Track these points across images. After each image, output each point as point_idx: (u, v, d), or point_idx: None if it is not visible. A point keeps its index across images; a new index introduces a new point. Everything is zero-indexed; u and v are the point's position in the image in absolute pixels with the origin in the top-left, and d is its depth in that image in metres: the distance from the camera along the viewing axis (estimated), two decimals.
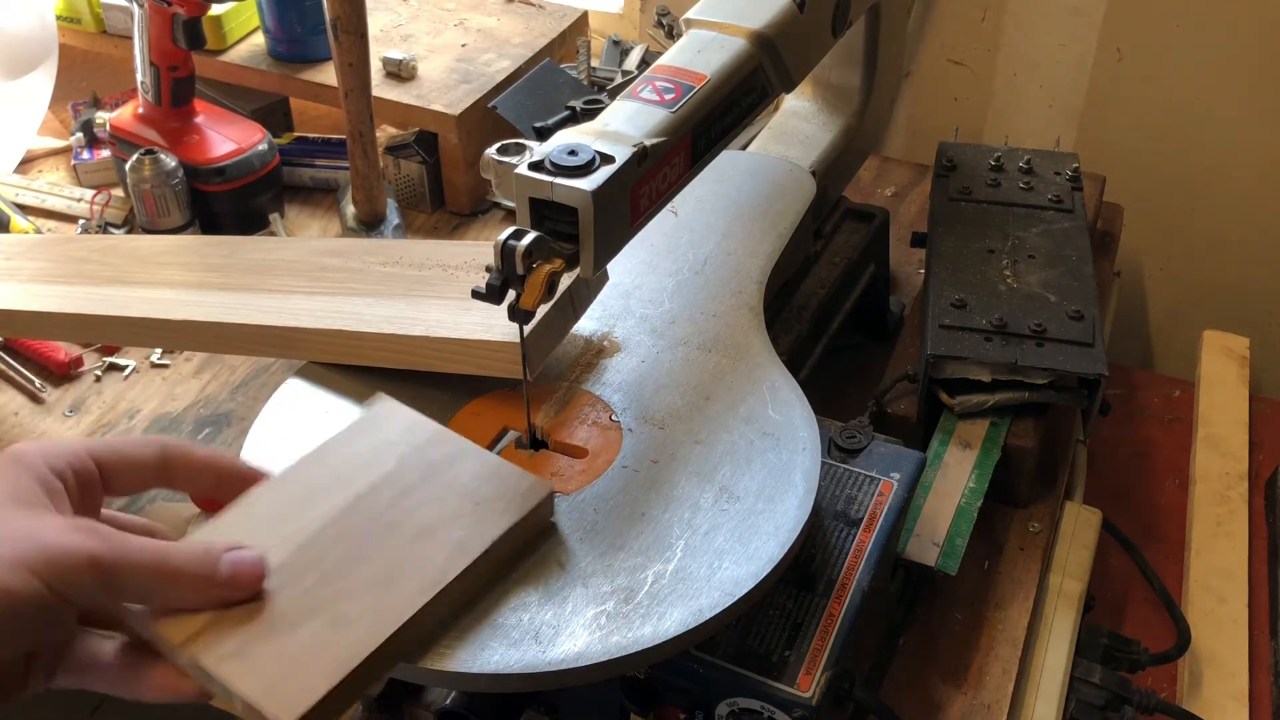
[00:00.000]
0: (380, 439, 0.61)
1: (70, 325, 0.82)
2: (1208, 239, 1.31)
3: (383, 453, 0.60)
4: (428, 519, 0.57)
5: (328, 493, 0.57)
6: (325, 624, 0.51)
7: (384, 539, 0.56)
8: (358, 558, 0.55)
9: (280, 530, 0.55)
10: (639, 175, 0.63)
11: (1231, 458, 1.07)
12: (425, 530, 0.56)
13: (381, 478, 0.59)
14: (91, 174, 1.23)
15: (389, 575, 0.54)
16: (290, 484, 0.58)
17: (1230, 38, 1.19)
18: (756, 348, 0.73)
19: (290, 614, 0.51)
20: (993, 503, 0.85)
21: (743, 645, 0.61)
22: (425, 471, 0.59)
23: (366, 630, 0.51)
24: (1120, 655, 0.84)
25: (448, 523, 0.57)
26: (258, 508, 0.56)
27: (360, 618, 0.52)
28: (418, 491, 0.58)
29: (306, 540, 0.55)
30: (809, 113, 1.00)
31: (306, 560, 0.54)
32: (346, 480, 0.58)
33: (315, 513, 0.56)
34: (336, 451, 0.60)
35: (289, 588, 0.52)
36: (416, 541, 0.56)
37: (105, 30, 1.31)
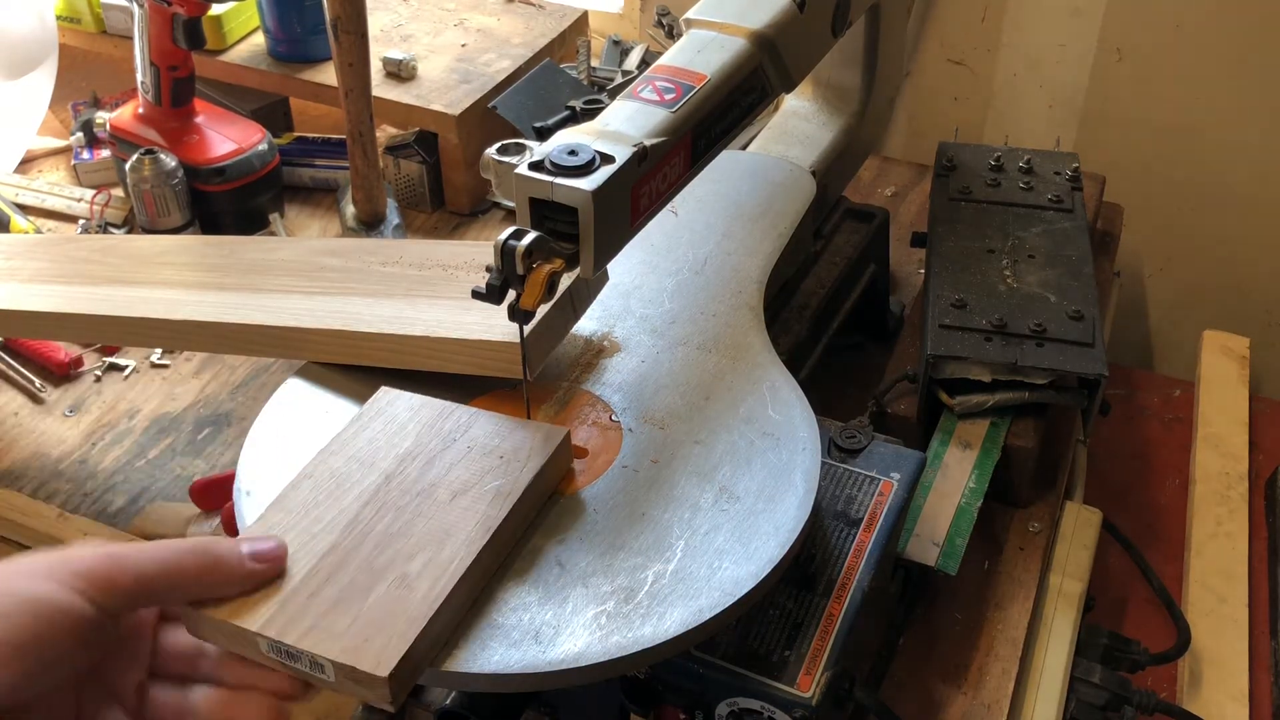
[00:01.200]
0: (391, 422, 0.64)
1: (70, 325, 0.82)
2: (1208, 239, 1.31)
3: (396, 434, 0.63)
4: (460, 479, 0.60)
5: (356, 477, 0.60)
6: (392, 586, 0.53)
7: (424, 504, 0.58)
8: (406, 525, 0.57)
9: (322, 517, 0.57)
10: (639, 175, 0.63)
11: (1231, 458, 1.07)
12: (461, 488, 0.59)
13: (404, 454, 0.62)
14: (91, 174, 1.23)
15: (441, 533, 0.56)
16: (316, 477, 0.60)
17: (1230, 38, 1.19)
18: (756, 348, 0.73)
19: (356, 583, 0.54)
20: (993, 503, 0.85)
21: (743, 645, 0.61)
22: (444, 441, 0.62)
23: (432, 583, 0.54)
24: (1120, 655, 0.84)
25: (481, 477, 0.60)
26: (291, 503, 0.58)
27: (423, 574, 0.54)
28: (442, 459, 0.61)
29: (352, 519, 0.57)
30: (809, 113, 1.00)
31: (357, 535, 0.56)
32: (369, 463, 0.61)
33: (351, 496, 0.59)
34: (351, 441, 0.63)
35: (349, 561, 0.55)
36: (456, 499, 0.59)
37: (105, 30, 1.31)
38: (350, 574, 0.54)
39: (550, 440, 0.62)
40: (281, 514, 0.57)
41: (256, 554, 0.53)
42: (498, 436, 0.62)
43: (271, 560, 0.53)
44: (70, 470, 0.92)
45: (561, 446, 0.62)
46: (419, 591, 0.53)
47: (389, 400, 0.66)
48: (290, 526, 0.56)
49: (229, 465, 0.91)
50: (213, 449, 0.94)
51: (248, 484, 0.66)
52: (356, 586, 0.54)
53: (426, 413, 0.64)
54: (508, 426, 0.63)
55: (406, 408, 0.65)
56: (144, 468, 0.92)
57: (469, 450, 0.62)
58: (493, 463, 0.61)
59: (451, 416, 0.64)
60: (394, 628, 0.51)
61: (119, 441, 0.95)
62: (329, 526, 0.57)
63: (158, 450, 0.94)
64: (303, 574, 0.54)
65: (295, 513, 0.57)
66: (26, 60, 1.22)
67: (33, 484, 0.91)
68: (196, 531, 0.85)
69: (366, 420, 0.64)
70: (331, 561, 0.55)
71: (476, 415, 0.64)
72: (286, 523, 0.57)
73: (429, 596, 0.53)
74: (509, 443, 0.62)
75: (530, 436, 0.62)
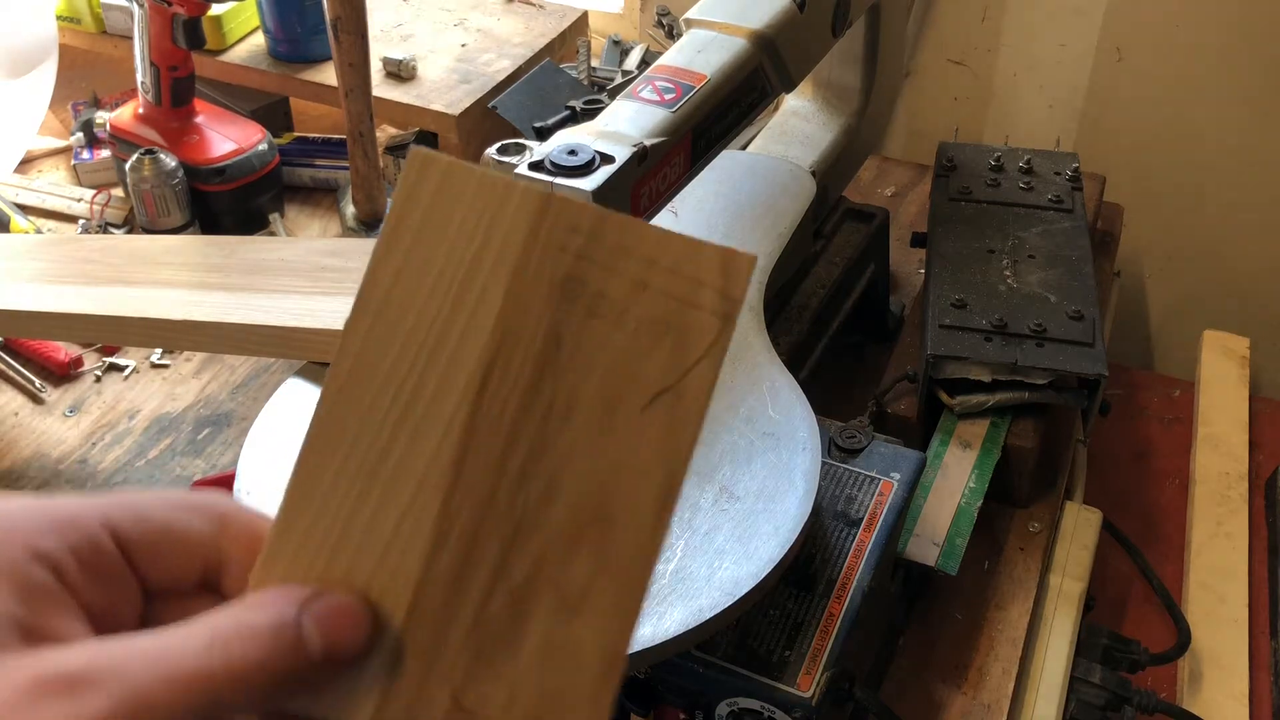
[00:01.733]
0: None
1: (70, 325, 0.82)
2: (1208, 239, 1.31)
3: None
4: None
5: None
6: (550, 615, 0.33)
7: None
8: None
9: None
10: (639, 175, 0.63)
11: (1231, 458, 1.07)
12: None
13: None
14: (91, 174, 1.23)
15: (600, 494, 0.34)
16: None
17: (1230, 37, 1.18)
18: (756, 348, 0.73)
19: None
20: (993, 503, 0.85)
21: (743, 645, 0.61)
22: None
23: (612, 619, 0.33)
24: (1120, 655, 0.84)
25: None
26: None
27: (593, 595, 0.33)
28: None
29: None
30: (809, 112, 1.00)
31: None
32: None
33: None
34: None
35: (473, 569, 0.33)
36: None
37: (105, 30, 1.31)
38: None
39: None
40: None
41: (331, 644, 0.31)
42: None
43: (351, 649, 0.32)
44: (70, 470, 0.92)
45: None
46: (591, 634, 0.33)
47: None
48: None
49: (229, 465, 0.91)
50: (213, 449, 0.94)
51: (248, 484, 0.66)
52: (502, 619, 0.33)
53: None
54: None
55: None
56: (144, 468, 0.92)
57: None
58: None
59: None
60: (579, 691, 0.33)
61: (119, 442, 0.95)
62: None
63: (158, 450, 0.94)
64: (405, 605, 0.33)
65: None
66: (26, 60, 1.22)
67: (33, 484, 0.91)
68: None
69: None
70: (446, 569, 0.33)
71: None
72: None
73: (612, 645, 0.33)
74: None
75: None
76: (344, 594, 0.32)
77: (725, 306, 0.33)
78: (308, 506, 0.33)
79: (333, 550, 0.33)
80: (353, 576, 0.33)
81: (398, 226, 0.34)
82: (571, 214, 0.34)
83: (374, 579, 0.33)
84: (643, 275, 0.34)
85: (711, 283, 0.33)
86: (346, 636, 0.31)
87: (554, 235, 0.34)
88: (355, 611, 0.32)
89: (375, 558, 0.33)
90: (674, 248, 0.34)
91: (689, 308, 0.33)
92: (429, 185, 0.34)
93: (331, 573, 0.33)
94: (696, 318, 0.33)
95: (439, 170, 0.34)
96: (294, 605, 0.31)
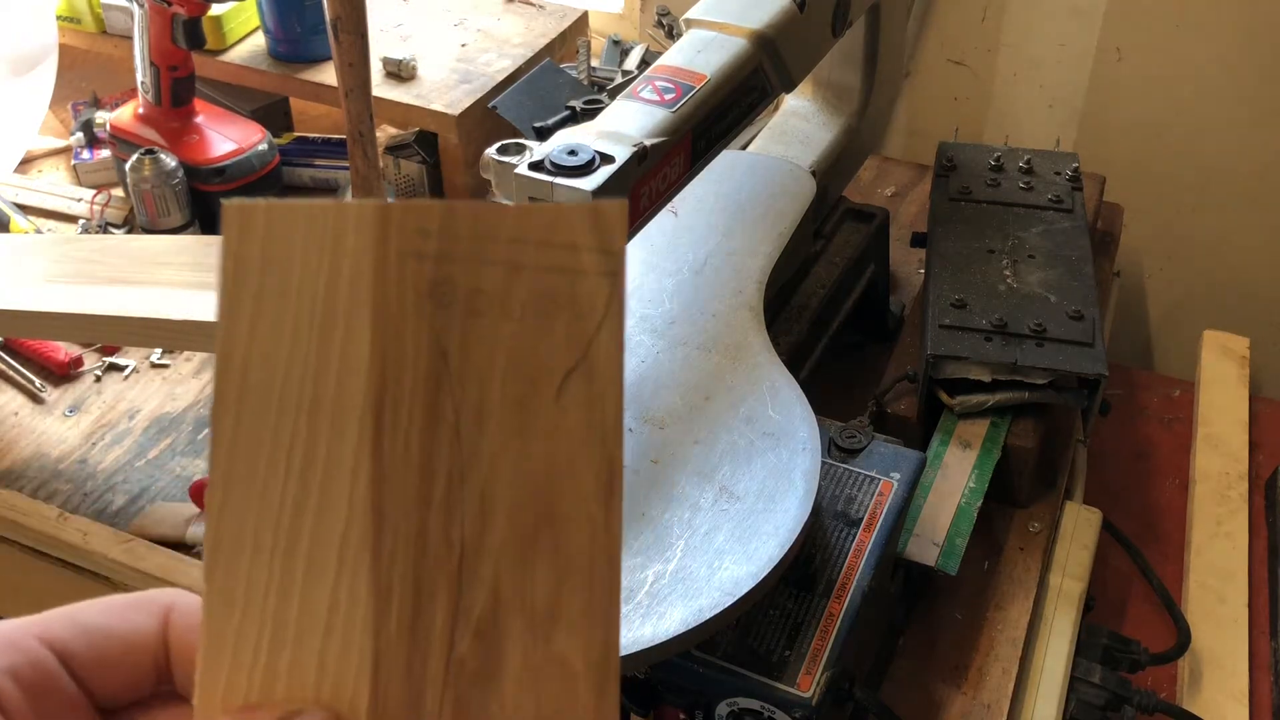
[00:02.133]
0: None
1: (70, 325, 0.82)
2: (1208, 239, 1.31)
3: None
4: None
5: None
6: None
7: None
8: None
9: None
10: (639, 175, 0.63)
11: (1231, 458, 1.07)
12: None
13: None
14: (91, 174, 1.23)
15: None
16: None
17: (1230, 37, 1.18)
18: (756, 348, 0.73)
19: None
20: (993, 503, 0.85)
21: (743, 645, 0.61)
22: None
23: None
24: (1120, 655, 0.84)
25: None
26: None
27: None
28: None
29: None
30: (809, 112, 1.00)
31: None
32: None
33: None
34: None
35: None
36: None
37: (105, 30, 1.31)
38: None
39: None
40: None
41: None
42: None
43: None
44: (70, 470, 0.92)
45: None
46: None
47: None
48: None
49: None
50: None
51: None
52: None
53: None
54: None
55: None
56: (144, 468, 0.92)
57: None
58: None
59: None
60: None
61: (119, 441, 0.95)
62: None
63: (158, 450, 0.94)
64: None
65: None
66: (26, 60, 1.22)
67: (33, 484, 0.91)
68: (197, 532, 0.85)
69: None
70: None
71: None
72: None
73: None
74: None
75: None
76: (313, 714, 0.29)
77: (609, 263, 0.31)
78: (231, 612, 0.30)
79: (271, 648, 0.30)
80: (300, 670, 0.30)
81: (235, 291, 0.31)
82: (416, 216, 0.31)
83: (324, 664, 0.30)
84: (513, 257, 0.31)
85: (587, 243, 0.31)
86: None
87: (405, 244, 0.31)
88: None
89: (318, 641, 0.30)
90: (536, 219, 0.31)
91: (572, 276, 0.31)
92: (255, 237, 0.31)
93: (275, 671, 0.30)
94: (583, 284, 0.31)
95: (260, 217, 0.31)
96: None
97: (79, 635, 0.30)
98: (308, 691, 0.30)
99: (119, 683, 0.31)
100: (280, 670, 0.30)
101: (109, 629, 0.31)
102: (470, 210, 0.31)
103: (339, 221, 0.31)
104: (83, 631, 0.30)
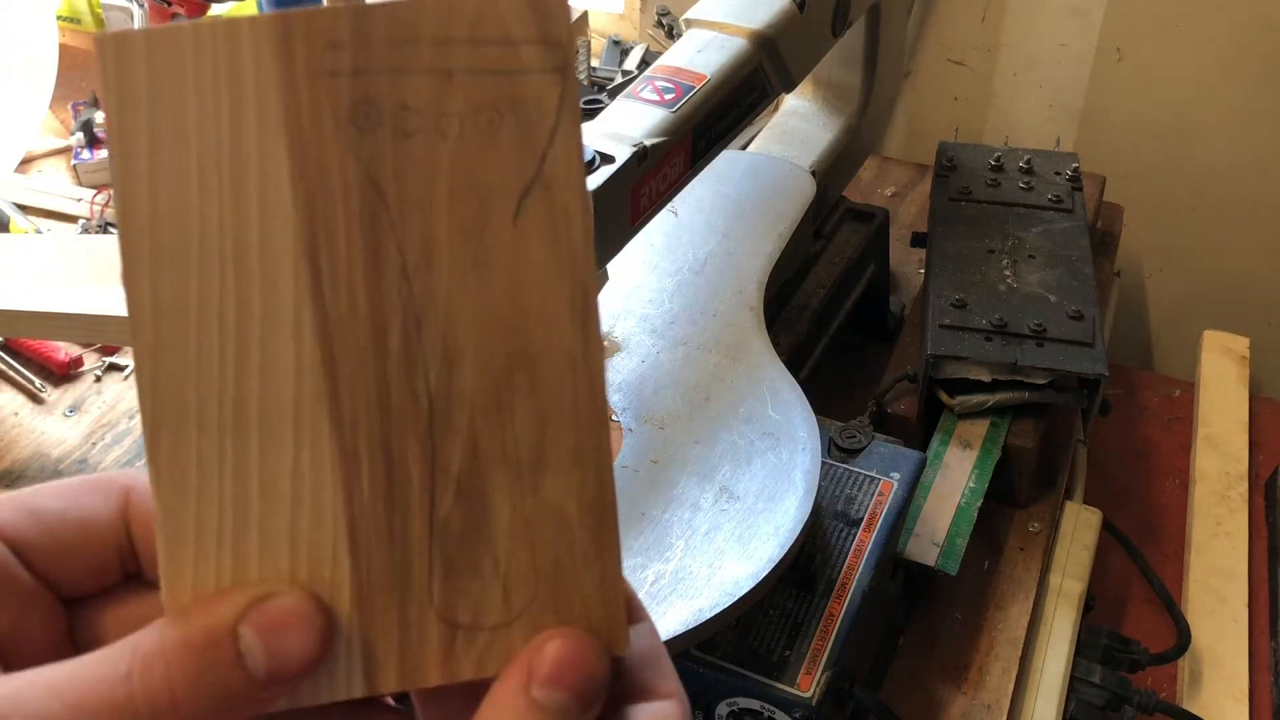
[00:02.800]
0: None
1: (70, 325, 0.82)
2: (1208, 239, 1.31)
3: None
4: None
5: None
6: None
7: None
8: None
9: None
10: (639, 175, 0.63)
11: (1231, 458, 1.07)
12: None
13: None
14: (91, 174, 1.23)
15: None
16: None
17: (1231, 37, 1.18)
18: (756, 348, 0.73)
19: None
20: (993, 503, 0.85)
21: (743, 645, 0.61)
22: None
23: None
24: (1120, 655, 0.84)
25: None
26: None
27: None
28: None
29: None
30: (809, 112, 1.00)
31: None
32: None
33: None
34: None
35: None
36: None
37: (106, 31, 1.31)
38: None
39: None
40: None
41: (279, 657, 0.26)
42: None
43: (305, 657, 0.26)
44: (70, 470, 0.92)
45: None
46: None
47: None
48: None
49: None
50: None
51: None
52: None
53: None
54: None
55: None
56: (144, 468, 0.92)
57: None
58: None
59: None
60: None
61: (119, 441, 0.94)
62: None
63: None
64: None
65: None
66: (27, 60, 1.22)
67: (32, 484, 0.91)
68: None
69: None
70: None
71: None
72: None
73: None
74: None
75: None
76: (289, 595, 0.26)
77: (554, 56, 0.27)
78: (185, 497, 0.27)
79: (236, 531, 0.27)
80: (271, 550, 0.27)
81: (124, 133, 0.26)
82: (323, 27, 0.26)
83: (296, 541, 0.27)
84: (441, 62, 0.27)
85: (526, 35, 0.27)
86: (296, 644, 0.26)
87: (314, 60, 0.26)
88: (302, 613, 0.26)
89: (286, 516, 0.27)
90: (461, 14, 0.27)
91: (513, 76, 0.27)
92: (137, 69, 0.26)
93: (244, 555, 0.27)
94: (527, 84, 0.27)
95: (140, 46, 0.26)
96: (229, 615, 0.26)
97: (32, 522, 0.28)
98: (283, 573, 0.27)
99: (80, 570, 0.29)
100: (249, 553, 0.27)
101: (64, 514, 0.29)
102: (385, 11, 0.27)
103: (234, 39, 0.26)
104: (36, 518, 0.28)
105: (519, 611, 0.28)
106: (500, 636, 0.28)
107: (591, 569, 0.28)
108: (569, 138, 0.27)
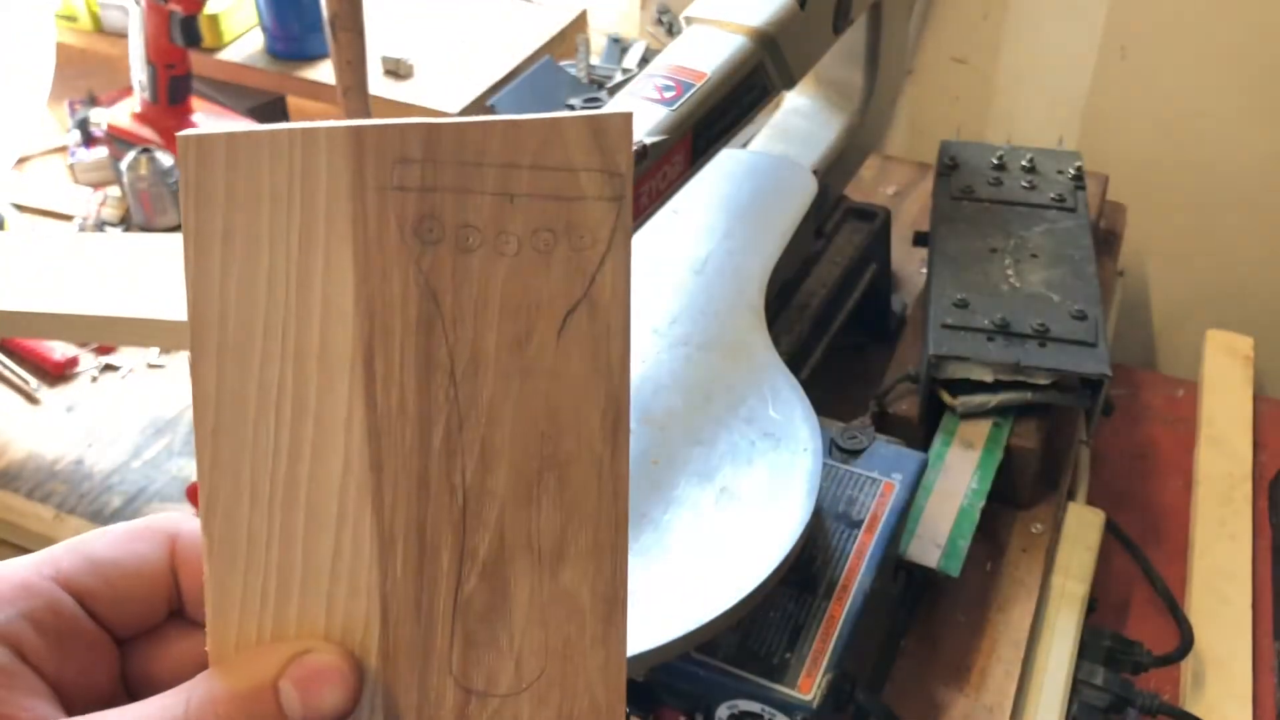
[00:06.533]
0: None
1: (66, 325, 0.82)
2: (1212, 238, 1.31)
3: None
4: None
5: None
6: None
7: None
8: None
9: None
10: (639, 174, 0.63)
11: (1235, 458, 1.07)
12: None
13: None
14: (88, 172, 1.22)
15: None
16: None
17: (1234, 36, 1.18)
18: (757, 348, 0.73)
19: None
20: (995, 504, 0.84)
21: (743, 647, 0.61)
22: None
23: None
24: (1123, 657, 0.84)
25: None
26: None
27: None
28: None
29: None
30: (810, 111, 1.00)
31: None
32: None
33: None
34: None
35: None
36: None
37: (102, 28, 1.31)
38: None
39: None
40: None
41: (313, 708, 0.29)
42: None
43: (337, 708, 0.30)
44: (66, 471, 0.91)
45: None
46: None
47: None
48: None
49: None
50: None
51: None
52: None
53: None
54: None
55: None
56: (140, 468, 0.92)
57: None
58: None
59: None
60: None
61: (115, 442, 0.94)
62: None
63: (154, 451, 0.93)
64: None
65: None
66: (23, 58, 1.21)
67: (29, 485, 0.90)
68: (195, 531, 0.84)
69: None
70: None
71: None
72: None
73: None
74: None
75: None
76: (325, 651, 0.30)
77: (613, 186, 0.28)
78: (234, 564, 0.30)
79: (279, 597, 0.30)
80: (309, 615, 0.30)
81: (200, 233, 0.28)
82: (395, 142, 0.28)
83: (333, 609, 0.30)
84: (505, 186, 0.28)
85: (586, 163, 0.28)
86: (329, 697, 0.29)
87: (384, 174, 0.28)
88: (336, 669, 0.29)
89: (325, 586, 0.30)
90: (528, 139, 0.28)
91: (571, 202, 0.28)
92: (216, 172, 0.27)
93: (285, 618, 0.30)
94: (584, 210, 0.28)
95: (220, 148, 0.27)
96: (273, 670, 0.29)
97: (91, 572, 0.31)
98: (318, 635, 0.30)
99: (134, 614, 0.32)
100: (290, 616, 0.30)
101: (119, 562, 0.31)
102: (454, 131, 0.28)
103: (309, 148, 0.27)
104: (94, 567, 0.31)
105: (529, 683, 0.31)
106: (509, 704, 0.32)
107: (598, 651, 0.31)
108: (619, 261, 0.29)
